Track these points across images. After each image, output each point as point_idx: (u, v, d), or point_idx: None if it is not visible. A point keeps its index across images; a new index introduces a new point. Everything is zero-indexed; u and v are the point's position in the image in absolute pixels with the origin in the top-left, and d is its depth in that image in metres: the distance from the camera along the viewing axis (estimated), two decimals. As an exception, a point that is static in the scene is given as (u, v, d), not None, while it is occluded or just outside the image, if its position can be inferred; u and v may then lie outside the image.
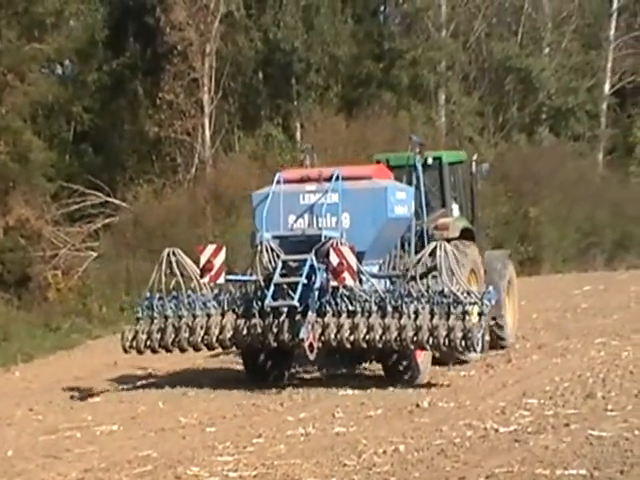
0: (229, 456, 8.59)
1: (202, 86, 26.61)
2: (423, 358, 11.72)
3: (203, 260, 11.71)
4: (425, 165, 13.33)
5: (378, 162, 13.73)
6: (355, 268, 11.09)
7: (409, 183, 12.88)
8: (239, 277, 11.90)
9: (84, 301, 21.57)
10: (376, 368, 12.49)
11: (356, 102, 29.79)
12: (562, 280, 25.32)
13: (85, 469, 8.37)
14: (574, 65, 33.95)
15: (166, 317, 11.60)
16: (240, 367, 13.29)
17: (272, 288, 11.19)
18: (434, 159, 13.65)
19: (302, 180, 12.00)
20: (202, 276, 11.70)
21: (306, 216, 11.78)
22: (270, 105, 29.16)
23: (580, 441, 8.43)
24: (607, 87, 35.20)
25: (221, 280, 11.64)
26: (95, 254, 23.23)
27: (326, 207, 11.68)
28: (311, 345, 10.93)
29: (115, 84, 28.03)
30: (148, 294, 11.81)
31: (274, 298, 11.17)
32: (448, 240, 12.26)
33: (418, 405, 10.36)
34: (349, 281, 11.06)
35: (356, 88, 30.55)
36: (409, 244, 12.49)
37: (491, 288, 11.58)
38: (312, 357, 11.13)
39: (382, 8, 33.87)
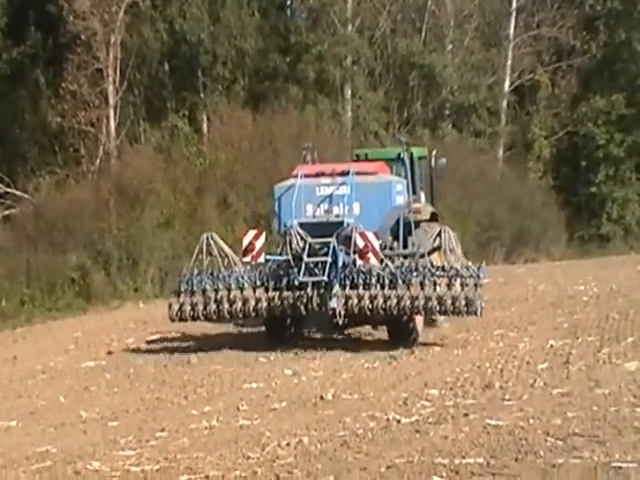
0: (131, 450, 8.47)
1: (106, 77, 26.10)
2: (420, 323, 13.84)
3: (246, 242, 13.76)
4: (399, 159, 15.23)
5: (357, 156, 16.07)
6: (378, 250, 13.34)
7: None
8: (276, 257, 13.75)
9: (-18, 294, 20.98)
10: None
11: (263, 96, 29.67)
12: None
13: (-19, 467, 8.13)
14: (475, 62, 34.50)
15: (204, 291, 13.51)
16: (147, 360, 13.19)
17: (303, 266, 13.21)
18: (402, 153, 15.34)
19: (318, 175, 14.16)
20: (245, 256, 13.69)
21: (322, 205, 13.93)
22: (176, 97, 28.80)
23: (478, 430, 8.60)
24: (507, 85, 35.88)
25: (261, 259, 13.69)
26: (-6, 246, 22.61)
27: (339, 197, 13.85)
28: (339, 313, 13.04)
29: (15, 73, 27.29)
30: (186, 272, 13.69)
31: (304, 274, 13.23)
32: (420, 222, 14.79)
33: (322, 397, 10.41)
34: (373, 260, 13.27)
35: (263, 82, 30.43)
36: (398, 225, 14.44)
37: (484, 263, 13.81)
38: (341, 322, 13.30)
39: (289, 2, 33.84)
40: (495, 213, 30.76)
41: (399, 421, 9.17)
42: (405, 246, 14.42)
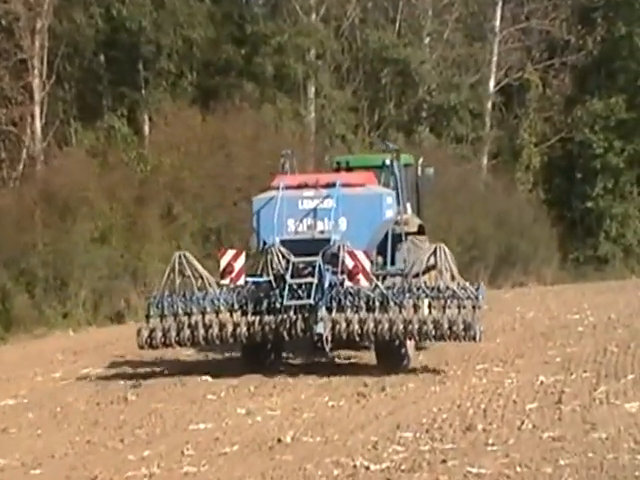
0: (58, 503, 8.40)
1: (32, 69, 25.95)
2: (412, 348, 14.57)
3: (224, 263, 14.24)
4: (383, 166, 15.92)
5: (338, 164, 16.89)
6: (369, 271, 13.84)
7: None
8: (256, 278, 14.24)
9: None
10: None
11: (214, 93, 29.75)
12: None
13: None
14: (457, 58, 34.86)
15: (176, 315, 14.13)
16: (76, 396, 13.08)
17: (286, 288, 13.76)
18: (392, 161, 16.06)
19: (300, 186, 14.66)
20: (223, 278, 14.23)
21: (305, 220, 14.48)
22: (113, 93, 28.77)
23: (457, 479, 8.63)
24: (492, 84, 36.23)
25: (241, 282, 14.21)
26: None
27: (324, 211, 14.41)
28: (326, 339, 13.61)
29: None
30: (156, 294, 14.37)
31: (288, 297, 13.78)
32: (407, 234, 15.33)
33: (280, 440, 10.41)
34: (363, 282, 13.79)
35: (214, 77, 30.50)
36: (384, 239, 14.97)
37: (482, 283, 14.33)
38: (328, 349, 13.92)
39: (244, -14, 33.97)
40: (479, 230, 31.05)
41: (368, 468, 9.19)
42: (393, 262, 14.93)
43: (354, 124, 32.38)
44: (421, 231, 16.22)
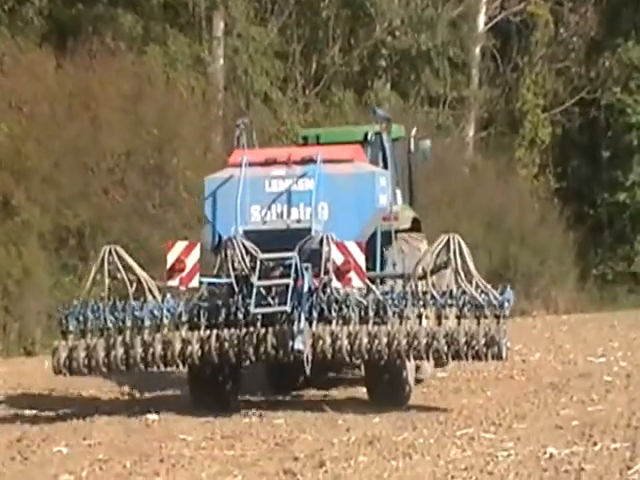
0: None
1: None
2: (412, 371, 15.49)
3: (172, 259, 14.93)
4: (365, 142, 16.82)
5: (305, 139, 17.76)
6: (363, 267, 14.58)
7: None
8: (212, 280, 15.09)
9: None
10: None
11: (73, 27, 29.55)
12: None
13: None
14: (431, -18, 35.09)
15: (105, 330, 14.76)
16: None
17: (253, 292, 14.48)
18: (375, 134, 16.95)
19: (268, 163, 15.58)
20: (170, 279, 14.90)
21: (274, 206, 15.39)
22: None
23: None
24: (482, 20, 36.57)
25: (194, 283, 14.93)
26: None
27: (300, 195, 15.33)
28: (307, 358, 14.31)
29: None
30: (76, 303, 14.85)
31: (255, 304, 14.48)
32: (397, 232, 16.02)
33: None
34: (356, 282, 14.57)
35: (74, 4, 30.32)
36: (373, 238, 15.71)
37: (508, 287, 15.18)
38: (308, 371, 14.49)
39: None
40: (461, 234, 31.14)
41: None
42: (382, 268, 15.71)
43: (282, 77, 32.41)
44: (415, 227, 16.87)
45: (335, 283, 14.64)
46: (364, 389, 17.16)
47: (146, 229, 25.45)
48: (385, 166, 16.85)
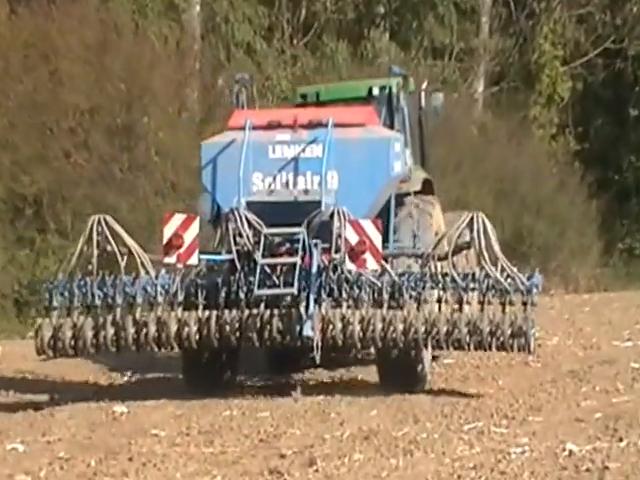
0: None
1: None
2: (429, 359, 15.95)
3: (169, 233, 15.16)
4: (371, 99, 17.37)
5: (304, 98, 18.30)
6: (380, 248, 14.89)
7: None
8: (211, 257, 15.43)
9: None
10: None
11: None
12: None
13: None
14: None
15: (92, 308, 15.03)
16: None
17: (257, 271, 14.84)
18: (381, 89, 17.49)
19: (271, 126, 15.80)
20: (167, 255, 15.12)
21: (279, 176, 15.69)
22: None
23: None
24: (493, -40, 36.63)
25: (194, 260, 15.17)
26: None
27: (307, 163, 15.63)
28: (317, 344, 14.65)
29: None
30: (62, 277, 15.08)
31: (259, 284, 14.81)
32: (406, 194, 16.52)
33: None
34: (372, 264, 14.83)
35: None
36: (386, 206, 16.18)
37: (537, 271, 15.61)
38: (318, 358, 14.79)
39: None
40: (469, 202, 31.23)
41: None
42: (386, 237, 15.84)
43: (266, 25, 32.40)
44: (427, 190, 17.24)
45: (348, 264, 14.87)
46: (360, 375, 17.33)
47: (113, 197, 25.36)
48: (392, 124, 17.09)
